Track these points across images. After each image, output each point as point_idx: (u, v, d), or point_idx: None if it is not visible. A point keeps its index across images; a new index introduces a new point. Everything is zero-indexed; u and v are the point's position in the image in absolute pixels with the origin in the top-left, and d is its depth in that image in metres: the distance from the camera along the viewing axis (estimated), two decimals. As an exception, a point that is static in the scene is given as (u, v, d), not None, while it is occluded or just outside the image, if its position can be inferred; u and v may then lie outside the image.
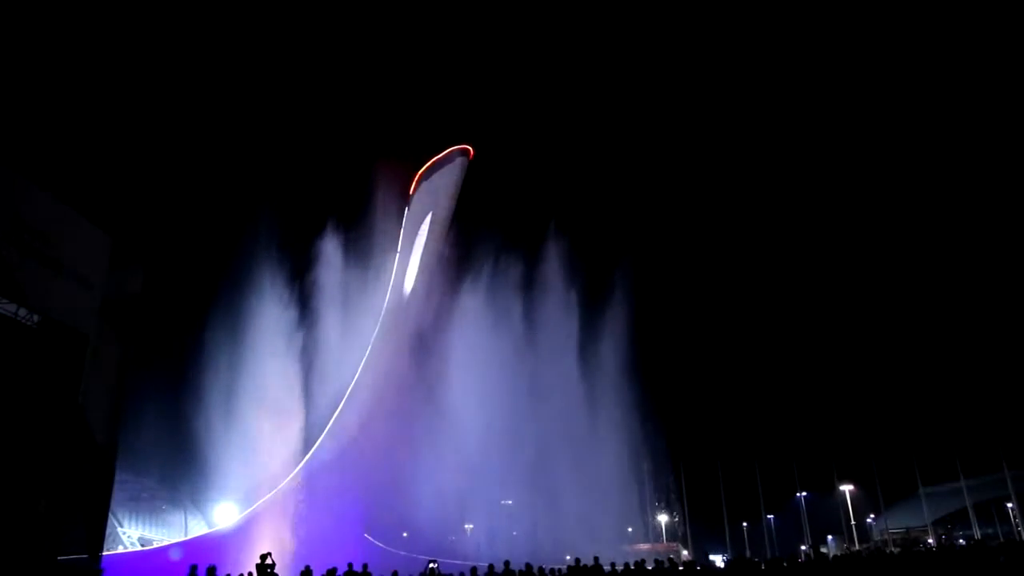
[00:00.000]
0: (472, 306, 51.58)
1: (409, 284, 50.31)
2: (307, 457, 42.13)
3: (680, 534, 69.23)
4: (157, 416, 39.89)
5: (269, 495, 39.56)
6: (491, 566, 23.31)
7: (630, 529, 77.52)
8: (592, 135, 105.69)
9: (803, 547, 63.69)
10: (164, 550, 34.08)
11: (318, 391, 45.57)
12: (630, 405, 54.85)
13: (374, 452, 45.75)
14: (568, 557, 41.15)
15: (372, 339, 47.49)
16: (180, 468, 42.59)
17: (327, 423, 44.19)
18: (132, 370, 19.75)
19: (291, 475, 41.05)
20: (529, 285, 55.24)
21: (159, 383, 41.27)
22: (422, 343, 50.03)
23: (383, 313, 48.52)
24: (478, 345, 49.85)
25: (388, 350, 47.64)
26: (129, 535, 40.86)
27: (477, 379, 48.53)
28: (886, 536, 70.89)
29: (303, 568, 22.67)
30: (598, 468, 53.11)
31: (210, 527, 40.42)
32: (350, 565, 22.49)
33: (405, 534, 49.68)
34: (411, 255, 50.99)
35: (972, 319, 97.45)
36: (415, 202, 52.19)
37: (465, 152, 53.89)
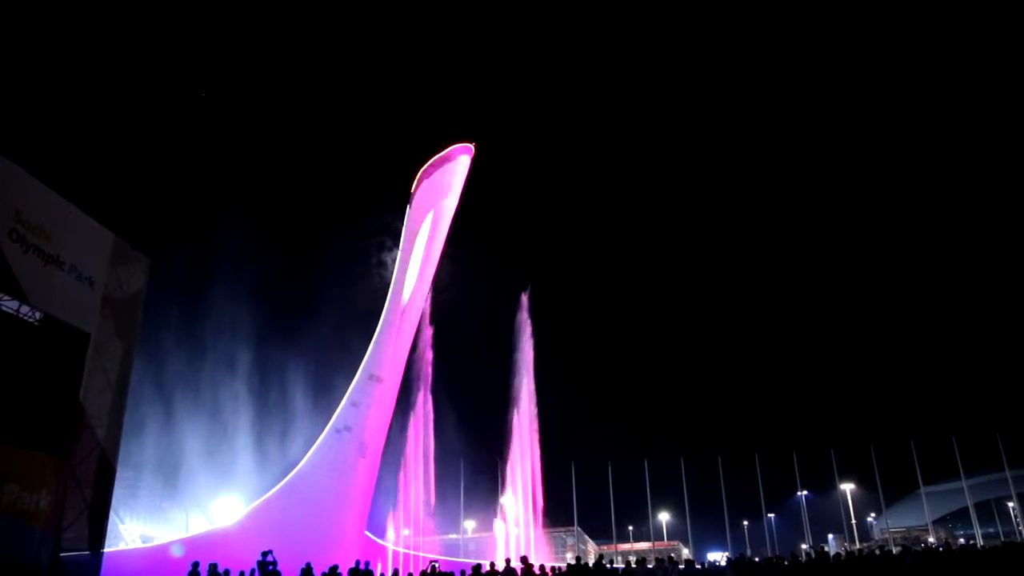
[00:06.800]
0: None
1: (410, 284, 50.24)
2: (309, 454, 42.16)
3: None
4: (159, 413, 39.99)
5: (271, 492, 39.61)
6: (492, 564, 23.33)
7: (630, 528, 77.34)
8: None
9: (804, 546, 63.57)
10: (165, 547, 34.07)
11: (319, 388, 45.61)
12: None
13: (376, 448, 45.89)
14: (569, 556, 41.10)
15: (375, 336, 47.55)
16: (182, 465, 42.67)
17: (329, 420, 44.28)
18: (134, 367, 19.73)
19: (293, 472, 41.09)
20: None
21: (161, 379, 41.39)
22: None
23: (385, 311, 48.62)
24: None
25: (390, 346, 47.77)
26: (130, 532, 40.94)
27: None
28: (887, 535, 70.75)
29: (304, 566, 22.63)
30: None
31: (211, 524, 40.44)
32: (357, 562, 22.51)
33: (406, 532, 49.74)
34: (411, 255, 50.87)
35: (972, 316, 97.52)
36: (416, 201, 52.03)
37: (467, 150, 53.73)
